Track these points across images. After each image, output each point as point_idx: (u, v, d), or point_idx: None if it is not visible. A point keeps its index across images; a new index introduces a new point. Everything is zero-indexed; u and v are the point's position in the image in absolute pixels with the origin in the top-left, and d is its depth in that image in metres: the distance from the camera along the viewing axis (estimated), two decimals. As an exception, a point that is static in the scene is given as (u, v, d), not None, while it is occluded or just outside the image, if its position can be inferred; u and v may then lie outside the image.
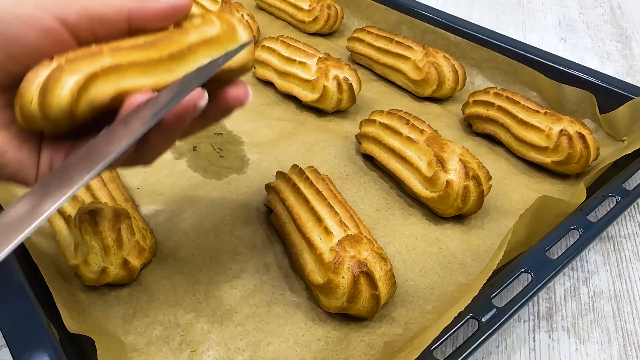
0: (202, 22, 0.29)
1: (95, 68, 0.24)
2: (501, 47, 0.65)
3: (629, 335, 0.40)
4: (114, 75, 0.25)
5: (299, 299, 0.40)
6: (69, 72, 0.24)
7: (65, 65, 0.24)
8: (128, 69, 0.25)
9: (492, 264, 0.36)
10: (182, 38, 0.27)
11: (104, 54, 0.25)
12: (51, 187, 0.23)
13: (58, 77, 0.24)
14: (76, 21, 0.25)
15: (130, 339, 0.37)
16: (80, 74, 0.24)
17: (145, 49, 0.26)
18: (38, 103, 0.24)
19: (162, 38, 0.27)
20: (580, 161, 0.51)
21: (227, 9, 0.71)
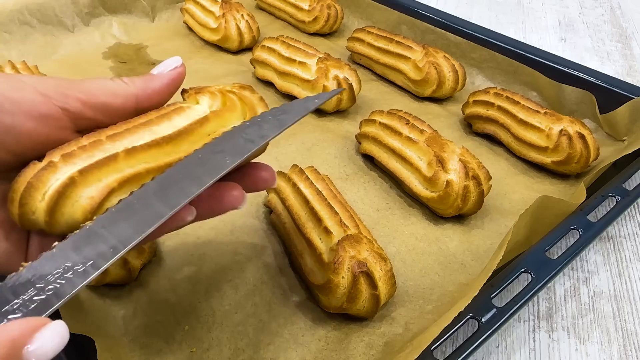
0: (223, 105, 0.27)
1: (112, 182, 0.23)
2: (501, 47, 0.65)
3: (629, 335, 0.40)
4: (130, 186, 0.23)
5: (299, 299, 0.40)
6: (82, 185, 0.22)
7: (78, 178, 0.22)
8: (145, 176, 0.24)
9: (492, 264, 0.36)
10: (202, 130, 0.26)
11: (119, 160, 0.23)
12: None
13: (70, 193, 0.22)
14: (79, 110, 0.24)
15: (130, 339, 0.37)
16: (96, 190, 0.22)
17: (163, 147, 0.24)
18: (45, 216, 0.22)
19: (180, 133, 0.25)
20: (580, 161, 0.51)
21: (227, 9, 0.71)
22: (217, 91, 0.28)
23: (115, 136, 0.24)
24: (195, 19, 0.75)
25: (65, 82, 0.24)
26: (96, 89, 0.24)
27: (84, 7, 0.74)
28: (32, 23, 0.71)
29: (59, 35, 0.72)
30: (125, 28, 0.76)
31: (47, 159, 0.23)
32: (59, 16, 0.72)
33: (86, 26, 0.75)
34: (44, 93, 0.23)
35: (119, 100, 0.25)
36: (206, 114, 0.26)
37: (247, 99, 0.28)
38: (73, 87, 0.24)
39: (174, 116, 0.26)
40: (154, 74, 0.27)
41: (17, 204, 0.22)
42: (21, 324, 0.18)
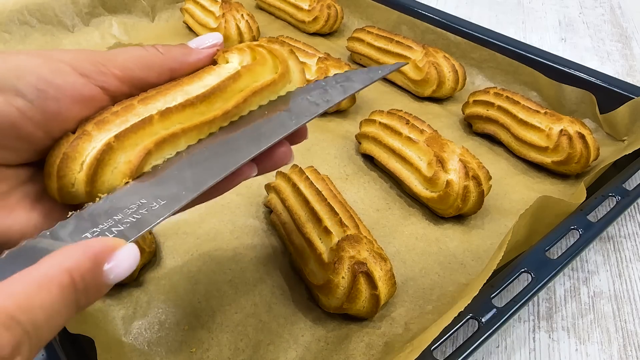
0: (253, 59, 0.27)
1: (148, 144, 0.22)
2: (501, 47, 0.65)
3: (629, 335, 0.40)
4: (167, 147, 0.23)
5: (299, 299, 0.40)
6: (120, 150, 0.22)
7: (114, 143, 0.22)
8: (182, 136, 0.23)
9: (492, 264, 0.35)
10: (234, 86, 0.25)
11: (154, 122, 0.23)
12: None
13: (108, 159, 0.22)
14: (117, 87, 0.23)
15: (130, 339, 0.37)
16: (133, 153, 0.22)
17: (197, 107, 0.24)
18: (85, 186, 0.22)
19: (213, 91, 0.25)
20: (580, 161, 0.51)
21: (227, 9, 0.71)
22: (245, 47, 0.27)
23: (147, 99, 0.24)
24: (195, 19, 0.75)
25: (101, 58, 0.23)
26: (131, 62, 0.24)
27: (83, 7, 0.74)
28: (32, 23, 0.71)
29: (59, 35, 0.72)
30: (125, 28, 0.76)
31: (81, 128, 0.22)
32: (58, 16, 0.72)
33: (86, 26, 0.75)
34: (83, 73, 0.22)
35: (153, 74, 0.25)
36: (237, 70, 0.26)
37: (277, 51, 0.27)
38: (109, 64, 0.23)
39: (205, 75, 0.26)
40: (192, 48, 0.26)
41: (55, 177, 0.22)
42: (102, 242, 0.19)
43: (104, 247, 0.19)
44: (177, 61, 0.25)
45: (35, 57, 0.22)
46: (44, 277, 0.17)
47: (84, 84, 0.22)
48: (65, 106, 0.22)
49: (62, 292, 0.17)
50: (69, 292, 0.17)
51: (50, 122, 0.22)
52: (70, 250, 0.18)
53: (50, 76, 0.21)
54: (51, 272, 0.17)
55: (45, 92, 0.21)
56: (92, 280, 0.18)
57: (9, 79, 0.21)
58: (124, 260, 0.19)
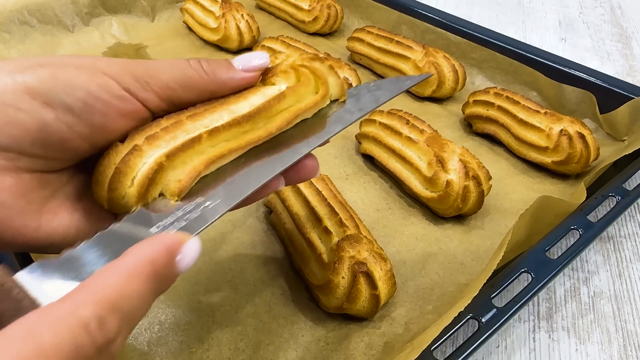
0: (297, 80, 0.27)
1: (198, 165, 0.23)
2: (501, 47, 0.65)
3: (629, 335, 0.40)
4: (214, 165, 0.24)
5: (299, 299, 0.40)
6: (170, 169, 0.23)
7: (165, 163, 0.22)
8: (228, 156, 0.24)
9: (492, 264, 0.35)
10: (279, 106, 0.26)
11: (202, 141, 0.24)
12: None
13: (159, 178, 0.23)
14: (157, 104, 0.24)
15: (130, 339, 0.37)
16: (183, 173, 0.23)
17: (243, 126, 0.25)
18: (135, 201, 0.23)
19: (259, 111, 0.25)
20: (581, 161, 0.51)
21: (227, 9, 0.71)
22: (289, 68, 0.28)
23: (195, 116, 0.24)
24: (195, 19, 0.75)
25: (145, 74, 0.23)
26: (173, 82, 0.24)
27: (83, 6, 0.74)
28: (32, 23, 0.71)
29: (59, 35, 0.72)
30: (125, 28, 0.76)
31: (131, 142, 0.23)
32: (58, 16, 0.72)
33: (86, 26, 0.75)
34: (127, 88, 0.23)
35: (194, 94, 0.25)
36: (282, 91, 0.27)
37: (318, 71, 0.28)
38: (151, 82, 0.23)
39: (250, 95, 0.26)
40: (237, 70, 0.26)
41: (106, 188, 0.23)
42: (174, 236, 0.20)
43: (175, 241, 0.20)
44: (220, 84, 0.26)
45: (83, 71, 0.22)
46: (133, 269, 0.18)
47: (128, 99, 0.23)
48: (111, 120, 0.23)
49: (148, 281, 0.19)
50: (153, 281, 0.19)
51: (96, 135, 0.23)
52: (149, 244, 0.20)
53: (98, 91, 0.22)
54: (138, 263, 0.19)
55: (93, 107, 0.22)
56: (168, 270, 0.20)
57: (60, 94, 0.21)
58: (190, 252, 0.21)
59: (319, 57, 0.29)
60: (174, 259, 0.20)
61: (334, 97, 0.29)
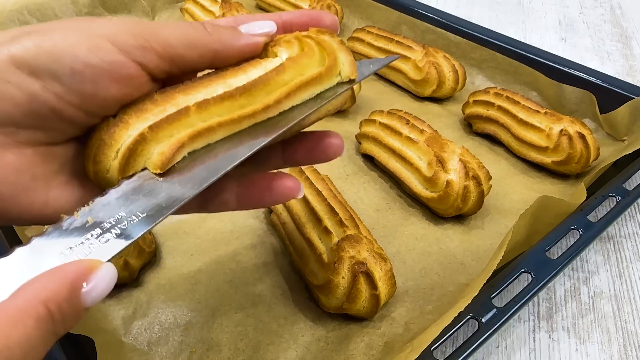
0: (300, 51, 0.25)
1: (182, 137, 0.22)
2: (501, 47, 0.65)
3: (629, 335, 0.40)
4: (202, 140, 0.23)
5: (299, 299, 0.40)
6: (153, 141, 0.22)
7: (148, 134, 0.22)
8: (218, 130, 0.23)
9: (492, 264, 0.35)
10: (278, 79, 0.24)
11: (190, 114, 0.22)
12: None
13: (141, 150, 0.22)
14: (156, 64, 0.23)
15: (130, 339, 0.37)
16: (166, 145, 0.22)
17: (237, 99, 0.23)
18: (118, 173, 0.22)
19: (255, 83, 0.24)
20: (581, 161, 0.51)
21: (227, 9, 0.71)
22: (293, 38, 0.26)
23: (188, 89, 0.23)
24: (195, 19, 0.75)
25: (144, 31, 0.22)
26: (175, 39, 0.23)
27: (83, 6, 0.74)
28: (32, 23, 0.71)
29: (59, 35, 0.72)
30: (125, 28, 0.76)
31: (120, 115, 0.22)
32: (58, 16, 0.72)
33: (86, 26, 0.75)
34: (123, 49, 0.21)
35: (196, 53, 0.23)
36: (282, 62, 0.25)
37: (325, 43, 0.26)
38: (151, 38, 0.22)
39: (249, 68, 0.25)
40: (241, 32, 0.25)
41: (92, 161, 0.22)
42: (77, 265, 0.18)
43: (80, 271, 0.18)
44: (224, 44, 0.24)
45: (73, 32, 0.21)
46: (19, 312, 0.16)
47: (123, 63, 0.21)
48: (102, 87, 0.21)
49: (39, 325, 0.16)
50: (46, 324, 0.17)
51: (88, 102, 0.22)
52: (45, 279, 0.17)
53: (87, 56, 0.21)
54: (26, 305, 0.16)
55: (82, 73, 0.21)
56: (70, 307, 0.17)
57: (45, 63, 0.20)
58: (102, 282, 0.18)
59: (330, 32, 0.27)
60: (78, 292, 0.18)
61: (345, 75, 0.26)
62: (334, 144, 0.28)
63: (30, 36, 0.21)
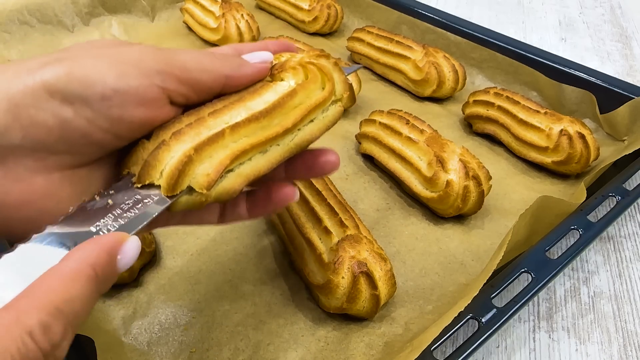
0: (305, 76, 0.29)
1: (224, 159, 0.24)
2: (501, 47, 0.65)
3: (629, 335, 0.40)
4: (238, 160, 0.25)
5: (299, 299, 0.40)
6: (197, 162, 0.24)
7: (194, 156, 0.23)
8: (250, 151, 0.25)
9: (492, 264, 0.36)
10: (291, 102, 0.27)
11: (225, 136, 0.25)
12: None
13: (187, 170, 0.23)
14: (176, 88, 0.24)
15: (130, 339, 0.37)
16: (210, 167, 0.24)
17: (261, 121, 0.26)
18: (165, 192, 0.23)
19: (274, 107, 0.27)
20: (581, 161, 0.51)
21: (227, 9, 0.71)
22: (297, 65, 0.29)
23: (216, 113, 0.25)
24: (195, 19, 0.75)
25: (164, 57, 0.24)
26: (191, 64, 0.24)
27: (83, 6, 0.74)
28: (32, 23, 0.71)
29: (59, 35, 0.72)
30: (125, 28, 0.76)
31: (157, 138, 0.24)
32: (58, 16, 0.72)
33: (86, 26, 0.75)
34: (146, 74, 0.23)
35: (209, 78, 0.25)
36: (293, 88, 0.28)
37: (325, 68, 0.29)
38: (171, 64, 0.24)
39: (263, 92, 0.28)
40: (246, 60, 0.27)
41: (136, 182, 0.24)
42: (112, 237, 0.21)
43: (115, 241, 0.21)
44: (233, 69, 0.26)
45: (102, 61, 0.22)
46: (73, 272, 0.19)
47: (147, 87, 0.23)
48: (129, 111, 0.23)
49: (89, 283, 0.19)
50: (94, 283, 0.19)
51: (116, 126, 0.23)
52: (89, 246, 0.20)
53: (116, 83, 0.22)
54: (79, 267, 0.19)
55: (111, 99, 0.22)
56: (109, 271, 0.20)
57: (77, 90, 0.22)
58: (130, 250, 0.21)
59: (324, 54, 0.31)
60: (115, 259, 0.21)
61: (339, 93, 0.30)
62: (331, 161, 0.30)
63: (62, 63, 0.22)
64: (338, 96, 0.30)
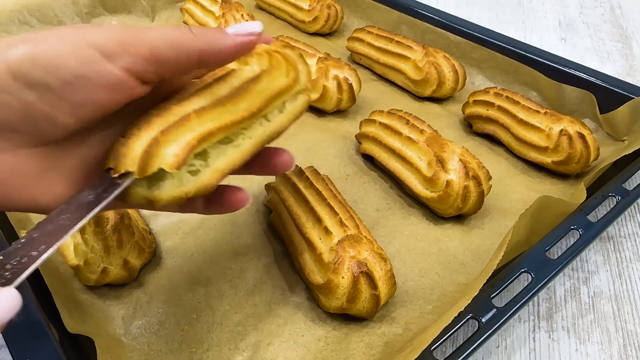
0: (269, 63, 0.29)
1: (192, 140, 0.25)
2: (501, 47, 0.65)
3: (629, 335, 0.40)
4: (205, 142, 0.26)
5: (299, 299, 0.40)
6: (165, 144, 0.24)
7: (160, 137, 0.24)
8: (216, 133, 0.26)
9: (492, 264, 0.36)
10: (255, 88, 0.28)
11: (191, 119, 0.25)
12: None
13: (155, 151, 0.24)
14: (144, 68, 0.24)
15: (130, 339, 0.37)
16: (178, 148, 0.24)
17: (226, 105, 0.27)
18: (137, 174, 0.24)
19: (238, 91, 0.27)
20: (581, 161, 0.51)
21: (227, 9, 0.71)
22: (263, 52, 0.30)
23: (182, 101, 0.26)
24: (195, 19, 0.75)
25: (130, 37, 0.23)
26: (160, 42, 0.24)
27: (83, 6, 0.74)
28: (32, 23, 0.71)
29: (59, 35, 0.72)
30: (125, 28, 0.76)
31: (129, 131, 0.25)
32: (58, 16, 0.72)
33: (86, 26, 0.74)
34: (111, 55, 0.23)
35: (182, 55, 0.25)
36: (257, 73, 0.29)
37: (289, 57, 0.30)
38: (138, 43, 0.23)
39: (228, 78, 0.28)
40: (227, 32, 0.26)
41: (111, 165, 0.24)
42: None
43: None
44: (209, 43, 0.25)
45: (65, 45, 0.22)
46: None
47: (111, 71, 0.23)
48: (92, 95, 0.23)
49: None
50: None
51: (79, 110, 0.23)
52: None
53: (78, 68, 0.22)
54: None
55: (73, 84, 0.22)
56: None
57: (39, 75, 0.22)
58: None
59: (290, 45, 0.32)
60: None
61: (303, 82, 0.31)
62: (284, 161, 0.31)
63: (26, 45, 0.22)
64: (302, 86, 0.31)
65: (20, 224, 0.44)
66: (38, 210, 0.25)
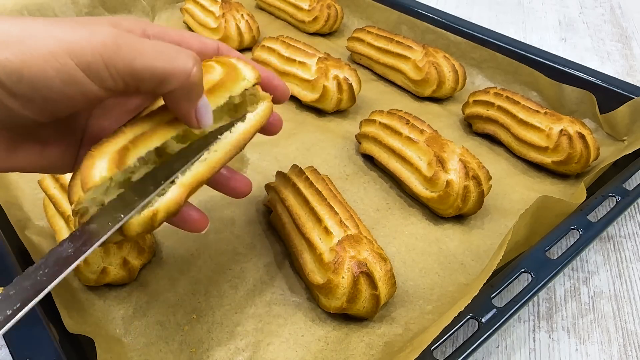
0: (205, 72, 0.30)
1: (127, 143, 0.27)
2: (501, 47, 0.65)
3: (629, 335, 0.40)
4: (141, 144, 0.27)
5: (299, 299, 0.40)
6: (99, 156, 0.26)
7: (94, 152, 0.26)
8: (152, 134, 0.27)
9: (492, 264, 0.36)
10: None
11: (125, 131, 0.27)
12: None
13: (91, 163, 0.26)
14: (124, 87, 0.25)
15: (130, 339, 0.37)
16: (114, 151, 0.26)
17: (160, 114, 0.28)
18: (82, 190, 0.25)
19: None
20: (581, 161, 0.51)
21: (227, 9, 0.71)
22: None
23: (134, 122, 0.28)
24: (195, 19, 0.75)
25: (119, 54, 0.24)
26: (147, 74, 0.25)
27: (83, 6, 0.74)
28: (32, 23, 0.70)
29: (59, 35, 0.72)
30: (125, 28, 0.76)
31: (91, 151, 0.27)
32: (58, 16, 0.72)
33: (86, 26, 0.74)
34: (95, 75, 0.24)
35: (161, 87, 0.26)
36: None
37: (223, 59, 0.31)
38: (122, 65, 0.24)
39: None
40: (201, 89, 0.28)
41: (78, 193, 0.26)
42: None
43: None
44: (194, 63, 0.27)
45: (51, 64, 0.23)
46: None
47: (93, 91, 0.24)
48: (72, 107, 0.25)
49: None
50: None
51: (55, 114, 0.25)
52: None
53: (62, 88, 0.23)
54: None
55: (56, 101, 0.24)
56: None
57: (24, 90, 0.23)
58: None
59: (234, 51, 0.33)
60: None
61: (250, 78, 0.31)
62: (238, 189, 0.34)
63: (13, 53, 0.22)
64: (251, 80, 0.31)
65: (21, 224, 0.44)
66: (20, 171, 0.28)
